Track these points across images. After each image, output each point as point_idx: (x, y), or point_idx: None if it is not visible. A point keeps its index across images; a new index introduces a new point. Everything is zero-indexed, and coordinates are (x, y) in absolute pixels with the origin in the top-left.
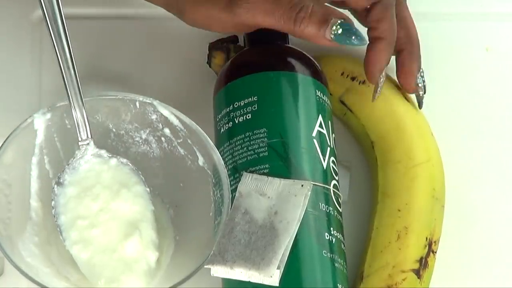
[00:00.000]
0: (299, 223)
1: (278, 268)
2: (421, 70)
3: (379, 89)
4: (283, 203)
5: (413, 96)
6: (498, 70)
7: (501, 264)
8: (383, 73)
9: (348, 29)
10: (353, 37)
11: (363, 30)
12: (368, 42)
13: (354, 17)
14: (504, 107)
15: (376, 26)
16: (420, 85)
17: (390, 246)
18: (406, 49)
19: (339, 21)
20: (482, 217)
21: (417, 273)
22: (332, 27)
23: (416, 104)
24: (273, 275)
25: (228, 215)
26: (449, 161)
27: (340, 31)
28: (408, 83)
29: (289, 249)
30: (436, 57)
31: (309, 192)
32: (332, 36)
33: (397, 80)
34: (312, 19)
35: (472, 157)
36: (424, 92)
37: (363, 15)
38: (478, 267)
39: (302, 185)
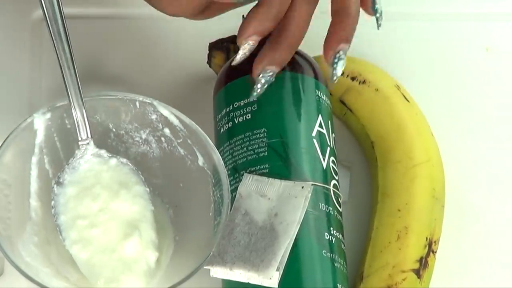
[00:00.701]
0: (299, 225)
1: (278, 270)
2: (342, 49)
3: (239, 55)
4: (284, 204)
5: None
6: (498, 70)
7: (501, 264)
8: (250, 41)
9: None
10: None
11: None
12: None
13: None
14: (504, 107)
15: None
16: (336, 59)
17: (390, 246)
18: (333, 20)
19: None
20: (482, 217)
21: (417, 273)
22: None
23: (418, 104)
24: (272, 277)
25: (228, 216)
26: (449, 161)
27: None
28: (324, 55)
29: (289, 251)
30: (436, 57)
31: (310, 194)
32: None
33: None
34: None
35: (472, 157)
36: (336, 71)
37: None
38: (478, 267)
39: (302, 187)
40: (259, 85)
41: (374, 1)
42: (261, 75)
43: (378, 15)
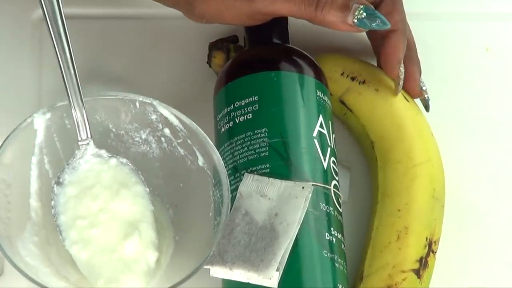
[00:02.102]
0: (300, 225)
1: (277, 270)
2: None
3: (401, 82)
4: (284, 204)
5: (418, 101)
6: (498, 70)
7: (501, 264)
8: (402, 64)
9: (372, 13)
10: (378, 21)
11: None
12: (390, 26)
13: None
14: (504, 107)
15: (388, 19)
16: (424, 88)
17: (390, 246)
18: (405, 54)
19: (361, 6)
20: (482, 217)
21: (417, 273)
22: (355, 11)
23: (418, 105)
24: (272, 277)
25: (229, 215)
26: (449, 161)
27: (364, 15)
28: (412, 88)
29: (289, 251)
30: (436, 57)
31: (310, 195)
32: (356, 20)
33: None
34: (334, 4)
35: (472, 157)
36: (428, 97)
37: None
38: (478, 267)
39: (303, 187)
40: (426, 96)
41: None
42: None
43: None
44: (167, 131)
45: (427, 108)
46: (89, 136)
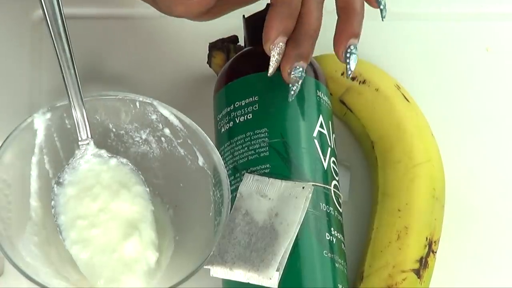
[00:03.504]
0: (300, 226)
1: (278, 270)
2: (352, 43)
3: (271, 61)
4: (284, 205)
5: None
6: (498, 70)
7: (501, 264)
8: (278, 43)
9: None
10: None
11: None
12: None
13: None
14: (504, 107)
15: None
16: (348, 54)
17: (390, 246)
18: (340, 16)
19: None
20: (482, 217)
21: (417, 273)
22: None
23: (418, 105)
24: (272, 277)
25: (229, 216)
26: (449, 161)
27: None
28: (335, 52)
29: (289, 251)
30: (436, 57)
31: (310, 195)
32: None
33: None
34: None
35: (472, 157)
36: (349, 66)
37: None
38: (478, 267)
39: (303, 187)
40: (294, 87)
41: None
42: (292, 73)
43: (382, 7)
44: (167, 131)
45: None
46: (89, 136)
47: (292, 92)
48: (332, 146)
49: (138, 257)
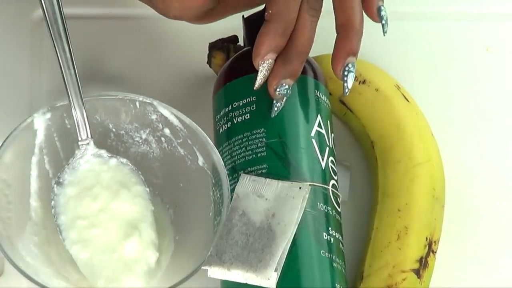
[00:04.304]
0: (297, 226)
1: (275, 270)
2: (350, 61)
3: (259, 76)
4: (281, 205)
5: (418, 101)
6: (498, 70)
7: (501, 264)
8: (268, 59)
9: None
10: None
11: None
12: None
13: None
14: (504, 107)
15: (267, 7)
16: (346, 72)
17: (390, 246)
18: (339, 33)
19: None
20: (482, 217)
21: (417, 273)
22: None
23: (418, 105)
24: (270, 278)
25: (226, 216)
26: (449, 161)
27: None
28: (333, 69)
29: (287, 251)
30: (436, 57)
31: (307, 195)
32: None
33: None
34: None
35: (472, 157)
36: (347, 83)
37: None
38: (478, 267)
39: (300, 188)
40: (278, 103)
41: (380, 7)
42: (278, 90)
43: (384, 22)
44: (167, 131)
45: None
46: (89, 136)
47: (276, 109)
48: (331, 146)
49: (138, 257)
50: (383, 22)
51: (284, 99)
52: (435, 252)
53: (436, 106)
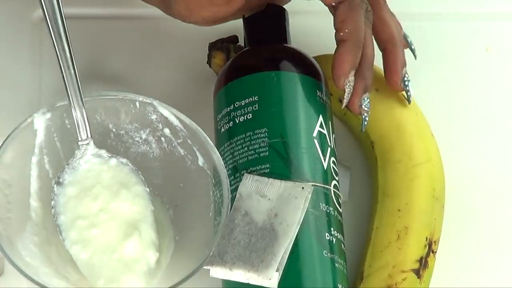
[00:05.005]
0: (299, 226)
1: (277, 270)
2: (405, 71)
3: (346, 94)
4: (284, 205)
5: (418, 101)
6: (498, 70)
7: (501, 264)
8: (351, 77)
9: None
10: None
11: None
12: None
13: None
14: (504, 107)
15: (340, 27)
16: (406, 82)
17: (390, 246)
18: (387, 49)
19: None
20: (482, 217)
21: (417, 273)
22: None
23: (418, 105)
24: (272, 278)
25: (228, 216)
26: (449, 161)
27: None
28: (393, 83)
29: (289, 251)
30: (436, 57)
31: (310, 195)
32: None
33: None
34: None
35: (472, 157)
36: (410, 92)
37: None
38: (478, 267)
39: (302, 188)
40: (365, 117)
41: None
42: (363, 106)
43: (413, 47)
44: (167, 131)
45: (408, 100)
46: (89, 136)
47: (366, 123)
48: (332, 146)
49: (138, 257)
50: (413, 47)
51: (368, 111)
52: (435, 252)
53: (436, 106)
